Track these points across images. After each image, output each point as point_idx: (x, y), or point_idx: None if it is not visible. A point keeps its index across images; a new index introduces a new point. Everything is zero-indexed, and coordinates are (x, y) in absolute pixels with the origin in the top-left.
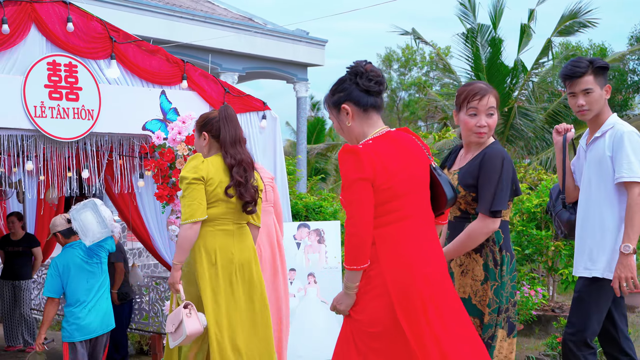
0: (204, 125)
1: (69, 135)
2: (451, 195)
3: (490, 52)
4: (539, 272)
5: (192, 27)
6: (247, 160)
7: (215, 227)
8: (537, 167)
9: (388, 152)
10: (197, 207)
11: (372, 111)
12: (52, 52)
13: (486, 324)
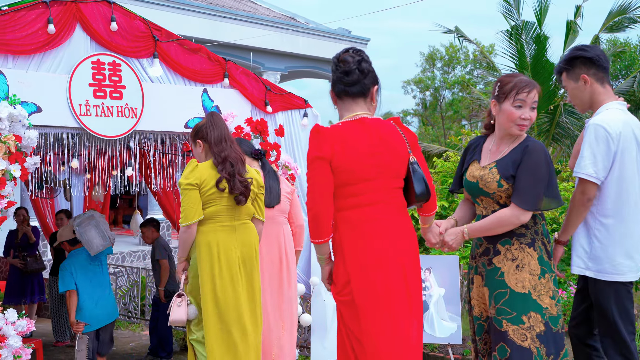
0: (196, 134)
1: (113, 133)
2: (421, 191)
3: (535, 49)
4: None
5: (235, 27)
6: (232, 156)
7: (215, 224)
8: None
9: (354, 136)
10: (190, 211)
11: (345, 97)
12: (97, 51)
13: (555, 315)
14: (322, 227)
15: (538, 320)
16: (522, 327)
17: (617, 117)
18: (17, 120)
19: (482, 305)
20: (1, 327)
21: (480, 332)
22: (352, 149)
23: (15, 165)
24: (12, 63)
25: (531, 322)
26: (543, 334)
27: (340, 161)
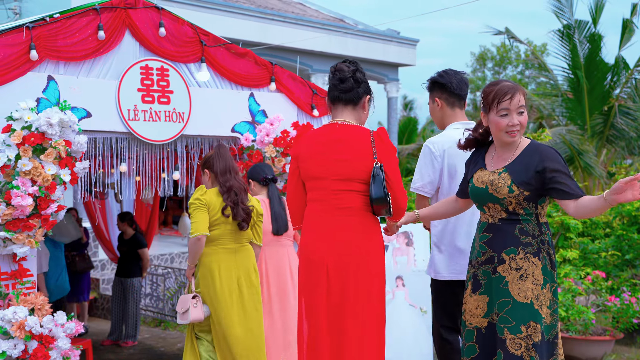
0: (204, 164)
1: (161, 138)
2: (377, 195)
3: (589, 48)
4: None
5: (283, 29)
6: (236, 186)
7: (218, 247)
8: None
9: (318, 139)
10: (201, 224)
11: (338, 103)
12: (145, 57)
13: (549, 324)
14: (293, 216)
15: (537, 330)
16: (519, 337)
17: (448, 136)
18: (68, 126)
19: (473, 312)
20: (50, 328)
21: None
22: (311, 151)
23: (65, 170)
24: (63, 69)
25: (529, 331)
26: (539, 344)
27: (301, 160)
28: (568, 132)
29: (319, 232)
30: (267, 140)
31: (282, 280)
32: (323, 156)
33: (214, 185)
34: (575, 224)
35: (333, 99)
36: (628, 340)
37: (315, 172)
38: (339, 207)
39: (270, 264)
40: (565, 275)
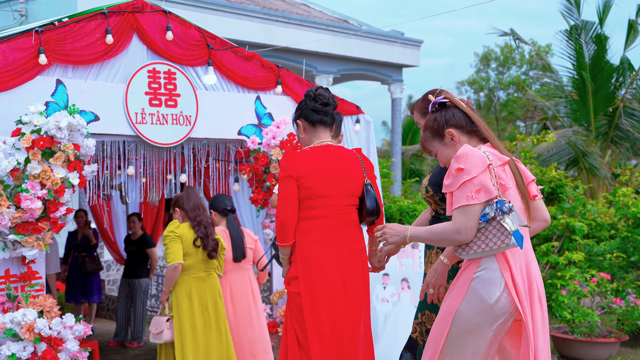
0: (175, 203)
1: (168, 141)
2: (372, 207)
3: (594, 49)
4: None
5: (288, 31)
6: (205, 220)
7: (190, 276)
8: None
9: (318, 159)
10: (176, 254)
11: (319, 125)
12: (152, 60)
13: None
14: (287, 233)
15: (432, 319)
16: (416, 322)
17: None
18: (76, 130)
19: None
20: (59, 331)
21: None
22: (315, 171)
23: (73, 173)
24: (71, 73)
25: (424, 319)
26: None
27: (305, 180)
28: (573, 133)
29: (332, 244)
30: (273, 143)
31: (246, 301)
32: (331, 175)
33: (184, 221)
34: (581, 226)
35: (314, 122)
36: (633, 342)
37: (324, 191)
38: (345, 220)
39: (235, 288)
40: (571, 278)
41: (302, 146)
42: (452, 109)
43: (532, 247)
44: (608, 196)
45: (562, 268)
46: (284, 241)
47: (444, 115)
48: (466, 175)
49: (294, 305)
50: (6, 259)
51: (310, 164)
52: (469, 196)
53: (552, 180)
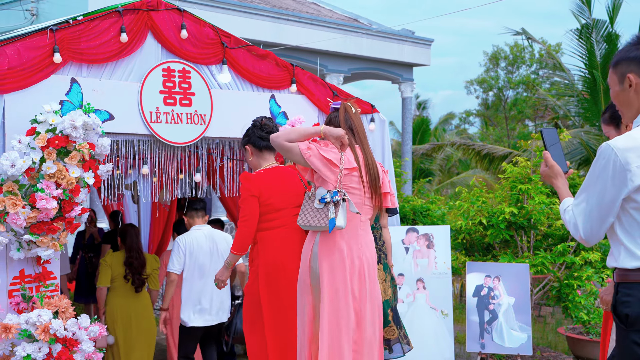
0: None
1: (182, 140)
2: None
3: (605, 48)
4: None
5: (298, 30)
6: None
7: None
8: None
9: (272, 179)
10: (105, 278)
11: (266, 150)
12: (167, 59)
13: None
14: (247, 244)
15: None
16: None
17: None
18: (91, 129)
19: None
20: (74, 331)
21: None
22: (271, 189)
23: (89, 172)
24: (86, 72)
25: None
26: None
27: (264, 197)
28: (585, 133)
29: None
30: None
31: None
32: (283, 191)
33: (121, 249)
34: None
35: (261, 147)
36: None
37: (279, 205)
38: (296, 228)
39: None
40: (587, 278)
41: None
42: (336, 114)
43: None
44: None
45: (578, 268)
46: (242, 251)
47: (328, 117)
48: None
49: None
50: (21, 259)
51: (267, 184)
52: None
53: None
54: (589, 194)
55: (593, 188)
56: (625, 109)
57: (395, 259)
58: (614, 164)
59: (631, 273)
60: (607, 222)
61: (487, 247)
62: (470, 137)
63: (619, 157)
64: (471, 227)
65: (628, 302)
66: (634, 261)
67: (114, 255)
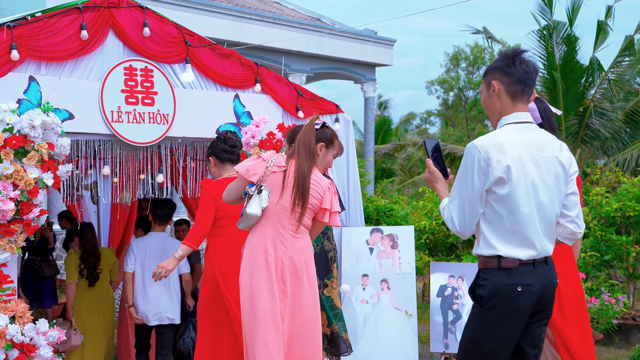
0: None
1: (145, 140)
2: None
3: (565, 50)
4: (615, 278)
5: (260, 29)
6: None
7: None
8: (613, 169)
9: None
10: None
11: (228, 162)
12: (129, 57)
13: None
14: (199, 238)
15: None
16: None
17: None
18: (50, 128)
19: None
20: (32, 337)
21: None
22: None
23: (47, 173)
24: (45, 70)
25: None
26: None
27: (219, 203)
28: None
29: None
30: (252, 142)
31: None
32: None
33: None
34: None
35: (224, 160)
36: (606, 341)
37: (234, 212)
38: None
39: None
40: None
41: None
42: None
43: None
44: None
45: None
46: (193, 242)
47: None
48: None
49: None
50: None
51: (223, 191)
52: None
53: None
54: (460, 190)
55: (463, 183)
56: (491, 113)
57: (359, 259)
58: (478, 160)
59: (488, 260)
60: (478, 214)
61: (451, 247)
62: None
63: (482, 154)
64: (435, 227)
65: (483, 285)
66: (490, 249)
67: (77, 252)
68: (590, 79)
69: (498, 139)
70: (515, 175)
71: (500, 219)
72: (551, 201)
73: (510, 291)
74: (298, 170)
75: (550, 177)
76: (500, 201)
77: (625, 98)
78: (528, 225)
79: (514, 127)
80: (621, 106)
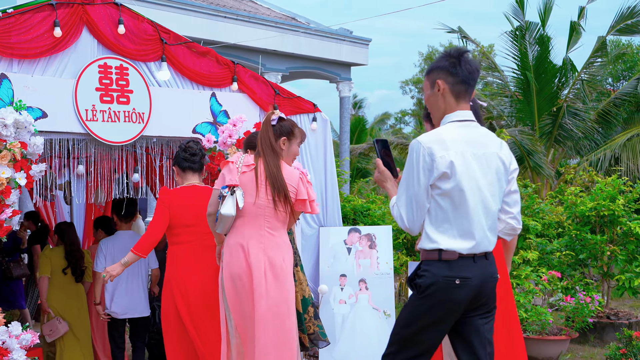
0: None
1: (120, 139)
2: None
3: (538, 50)
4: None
5: (235, 27)
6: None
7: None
8: (587, 168)
9: (185, 196)
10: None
11: (188, 171)
12: (104, 55)
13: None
14: (147, 247)
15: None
16: None
17: None
18: (23, 127)
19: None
20: (4, 340)
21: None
22: (182, 205)
23: (20, 173)
24: (17, 67)
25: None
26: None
27: (173, 210)
28: (520, 132)
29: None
30: (230, 142)
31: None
32: (195, 209)
33: (59, 245)
34: (534, 225)
35: (184, 168)
36: (582, 339)
37: (189, 221)
38: (207, 245)
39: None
40: (526, 277)
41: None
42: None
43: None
44: (553, 194)
45: (516, 267)
46: (141, 252)
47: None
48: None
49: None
50: None
51: (179, 199)
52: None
53: None
54: (407, 186)
55: (410, 180)
56: (434, 111)
57: (337, 259)
58: (423, 156)
59: (430, 252)
60: (425, 209)
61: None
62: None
63: (425, 150)
64: None
65: (424, 275)
66: (432, 243)
67: (53, 250)
68: (563, 79)
69: (441, 135)
70: (458, 171)
71: (444, 213)
72: (493, 196)
73: (448, 283)
74: (268, 170)
75: (492, 173)
76: (445, 196)
77: (597, 98)
78: (471, 219)
79: (456, 124)
80: (593, 106)
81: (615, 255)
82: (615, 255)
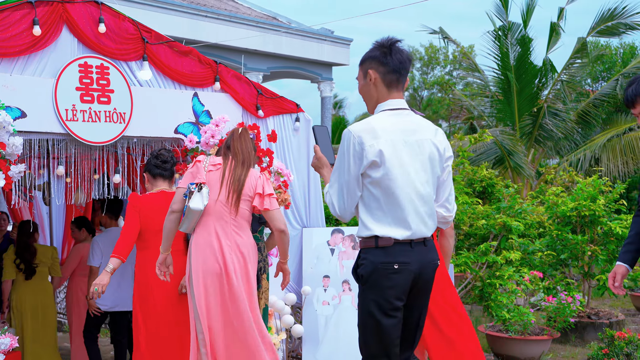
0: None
1: (101, 140)
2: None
3: (519, 51)
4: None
5: (216, 27)
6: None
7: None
8: (567, 169)
9: (153, 202)
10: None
11: (159, 177)
12: (84, 54)
13: None
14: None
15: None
16: None
17: None
18: (1, 127)
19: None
20: None
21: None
22: (151, 210)
23: None
24: None
25: None
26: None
27: (143, 215)
28: (501, 132)
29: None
30: (212, 142)
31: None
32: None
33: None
34: (517, 226)
35: (155, 175)
36: (563, 339)
37: (157, 227)
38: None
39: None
40: (509, 277)
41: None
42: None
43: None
44: (534, 194)
45: (499, 267)
46: (119, 254)
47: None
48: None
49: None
50: None
51: (147, 205)
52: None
53: (482, 179)
54: (339, 174)
55: (341, 168)
56: (367, 100)
57: (320, 260)
58: (353, 144)
59: (367, 240)
60: (356, 196)
61: None
62: None
63: (356, 138)
64: None
65: (363, 264)
66: (367, 231)
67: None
68: (543, 79)
69: (372, 124)
70: (387, 159)
71: (377, 201)
72: (426, 183)
73: (387, 268)
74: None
75: (425, 159)
76: (376, 184)
77: (577, 99)
78: (403, 206)
79: (388, 113)
80: (573, 107)
81: (596, 255)
82: (596, 255)
